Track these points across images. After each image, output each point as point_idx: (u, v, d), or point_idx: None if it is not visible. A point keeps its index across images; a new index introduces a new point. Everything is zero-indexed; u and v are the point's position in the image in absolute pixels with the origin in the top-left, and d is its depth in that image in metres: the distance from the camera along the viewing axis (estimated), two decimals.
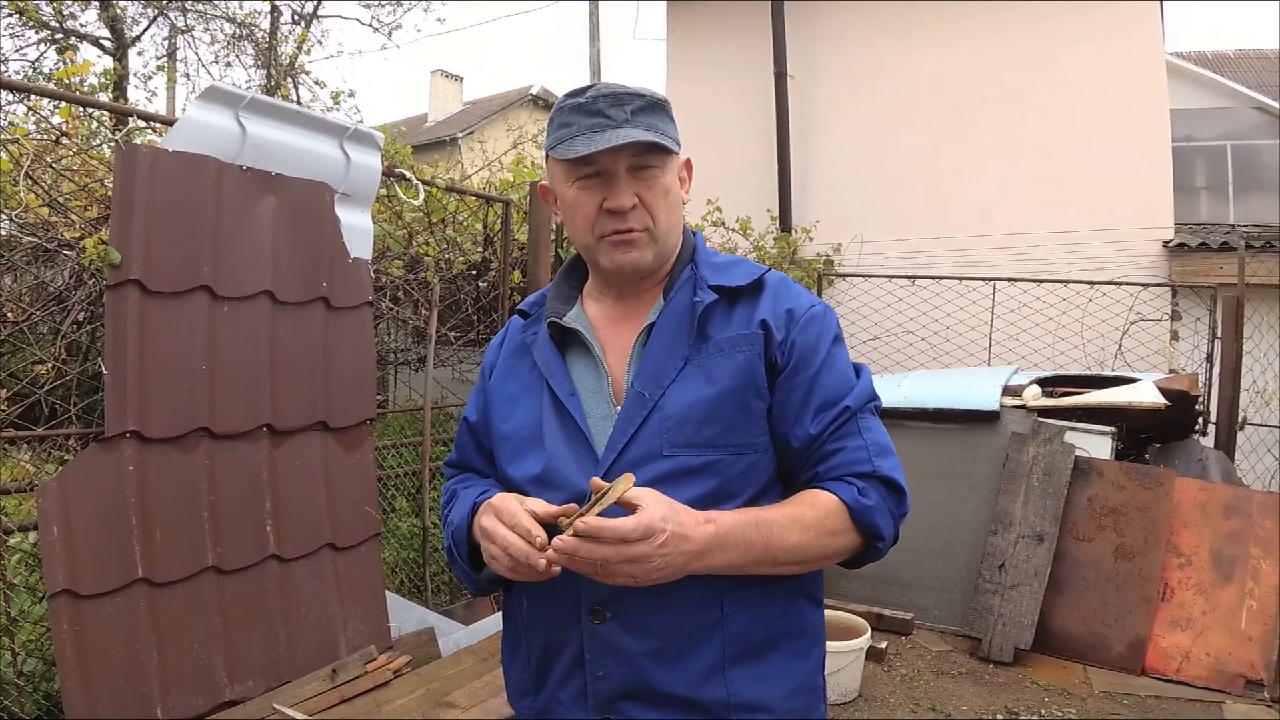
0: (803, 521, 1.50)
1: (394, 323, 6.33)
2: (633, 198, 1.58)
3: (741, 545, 1.45)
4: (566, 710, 1.59)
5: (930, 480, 5.90)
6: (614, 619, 1.53)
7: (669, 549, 1.36)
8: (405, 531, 5.43)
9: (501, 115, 22.44)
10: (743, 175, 9.95)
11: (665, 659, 1.52)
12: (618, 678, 1.54)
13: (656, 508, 1.36)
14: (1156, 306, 8.47)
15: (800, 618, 1.64)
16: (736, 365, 1.58)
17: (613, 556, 1.33)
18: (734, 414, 1.56)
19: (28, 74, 10.60)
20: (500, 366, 1.80)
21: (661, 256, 1.66)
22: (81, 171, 4.26)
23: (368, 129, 4.17)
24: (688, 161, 1.72)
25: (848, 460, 1.56)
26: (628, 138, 1.53)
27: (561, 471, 1.58)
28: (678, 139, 1.63)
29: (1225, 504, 5.32)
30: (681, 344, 1.60)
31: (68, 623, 3.00)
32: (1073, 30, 8.97)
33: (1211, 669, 4.90)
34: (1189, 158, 12.80)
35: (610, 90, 1.58)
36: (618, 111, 1.55)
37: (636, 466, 1.50)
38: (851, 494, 1.53)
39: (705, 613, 1.53)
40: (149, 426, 3.26)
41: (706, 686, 1.53)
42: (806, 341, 1.60)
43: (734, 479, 1.56)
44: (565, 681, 1.60)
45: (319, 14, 13.10)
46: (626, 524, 1.33)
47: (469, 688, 3.70)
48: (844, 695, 4.70)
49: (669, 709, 1.53)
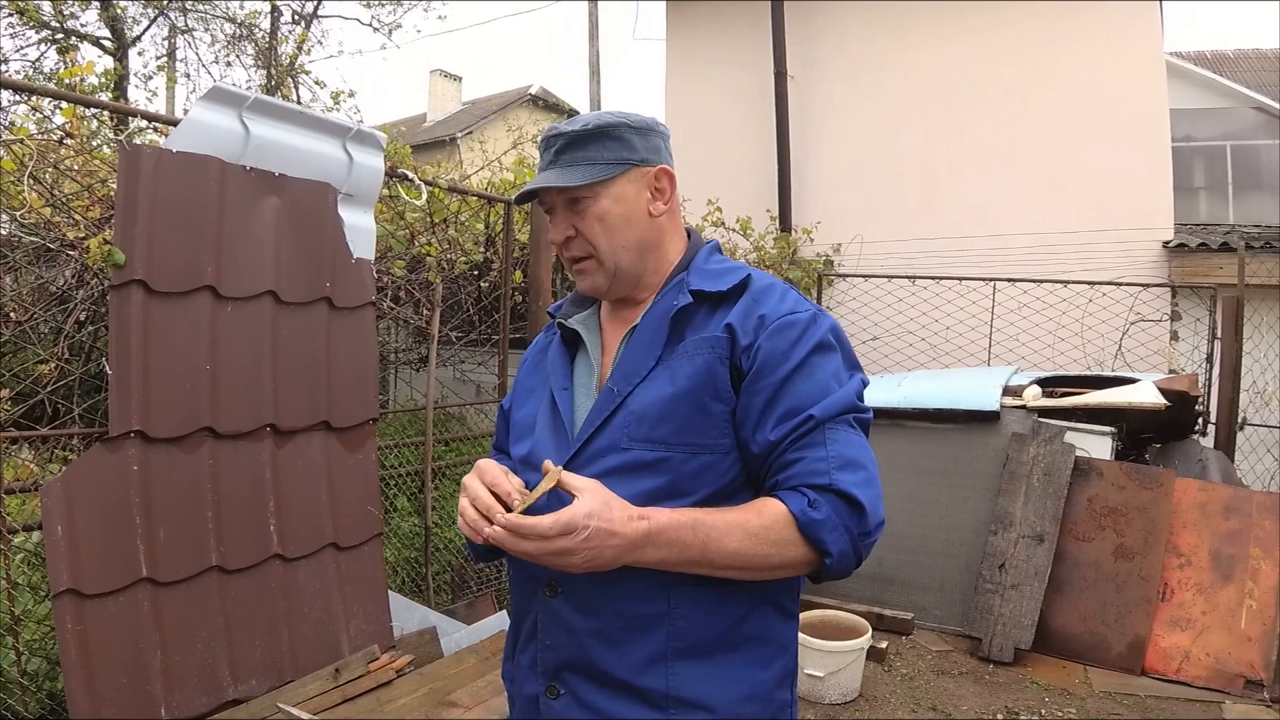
0: (745, 529, 1.51)
1: (396, 322, 6.34)
2: (566, 230, 1.73)
3: (676, 545, 1.48)
4: (523, 675, 1.70)
5: (930, 480, 5.91)
6: (564, 595, 1.61)
7: (594, 543, 1.42)
8: (407, 531, 5.44)
9: (501, 115, 22.47)
10: (742, 175, 9.96)
11: (608, 640, 1.59)
12: (563, 650, 1.62)
13: (584, 503, 1.42)
14: (1156, 307, 8.47)
15: (764, 626, 1.64)
16: (695, 367, 1.61)
17: (533, 551, 1.42)
18: (690, 414, 1.59)
19: (28, 74, 10.62)
20: (528, 362, 1.95)
21: (621, 275, 1.74)
22: (84, 172, 4.27)
23: (370, 129, 4.18)
24: (662, 171, 1.75)
25: (805, 471, 1.54)
26: (535, 184, 1.71)
27: (539, 455, 1.67)
28: (626, 158, 1.70)
29: (1225, 504, 5.33)
30: (657, 345, 1.67)
31: (71, 622, 3.01)
32: (1072, 29, 8.97)
33: (1211, 669, 4.91)
34: (1188, 158, 12.82)
35: (548, 133, 1.74)
36: (546, 154, 1.73)
37: (598, 456, 1.61)
38: (800, 505, 1.51)
39: (650, 604, 1.57)
40: (153, 426, 3.27)
41: (646, 674, 1.57)
42: (775, 347, 1.60)
43: (686, 477, 1.59)
44: (524, 648, 1.71)
45: (319, 14, 13.11)
46: (543, 522, 1.40)
47: (471, 687, 3.71)
48: (845, 695, 4.71)
49: (608, 688, 1.59)
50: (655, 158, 1.73)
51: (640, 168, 1.71)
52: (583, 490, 1.44)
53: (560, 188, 1.67)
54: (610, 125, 1.69)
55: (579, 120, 1.71)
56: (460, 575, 5.54)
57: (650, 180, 1.73)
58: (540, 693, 1.65)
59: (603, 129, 1.69)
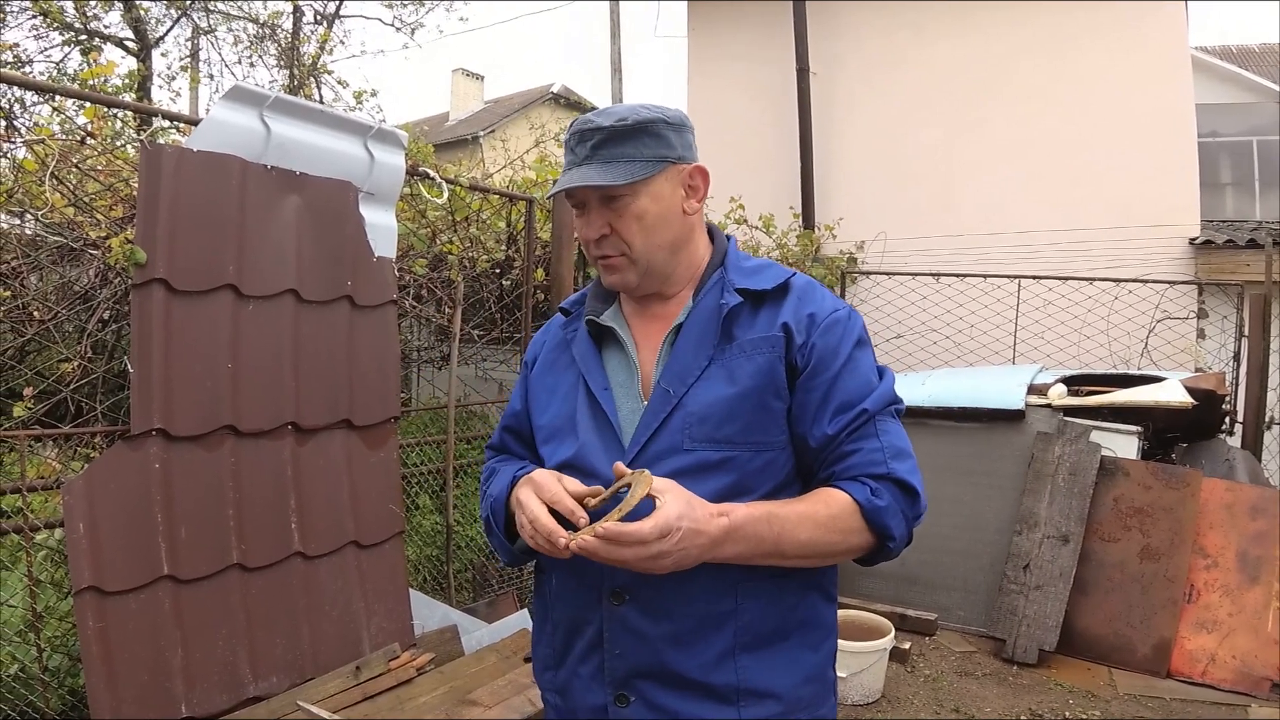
0: (814, 519, 1.56)
1: (417, 321, 6.35)
2: (601, 228, 1.69)
3: (753, 539, 1.51)
4: (584, 685, 1.68)
5: (954, 479, 5.87)
6: (633, 602, 1.61)
7: (684, 544, 1.43)
8: (428, 529, 5.43)
9: (523, 113, 22.50)
10: (762, 171, 9.91)
11: (680, 643, 1.60)
12: (633, 658, 1.62)
13: (674, 505, 1.42)
14: (1182, 304, 8.38)
15: (813, 610, 1.70)
16: (757, 366, 1.64)
17: (630, 558, 1.41)
18: (753, 413, 1.63)
19: (52, 75, 10.70)
20: (542, 360, 1.91)
21: (651, 274, 1.74)
22: (106, 171, 4.28)
23: (391, 128, 4.18)
24: (697, 169, 1.75)
25: (863, 461, 1.62)
26: (572, 181, 1.65)
27: (589, 459, 1.67)
28: (664, 155, 1.69)
29: (1252, 505, 5.27)
30: (707, 344, 1.68)
31: (93, 619, 3.02)
32: (1092, 24, 8.88)
33: (1237, 672, 4.86)
34: (1213, 153, 12.70)
35: (580, 126, 1.69)
36: (580, 149, 1.67)
37: (659, 459, 1.61)
38: (865, 494, 1.59)
39: (720, 601, 1.60)
40: (174, 424, 3.28)
41: (717, 671, 1.60)
42: (827, 345, 1.66)
43: (751, 474, 1.62)
44: (585, 658, 1.68)
45: (341, 14, 13.16)
46: (644, 528, 1.39)
47: (492, 685, 3.70)
48: (867, 696, 4.68)
49: (681, 690, 1.61)
50: (690, 155, 1.74)
51: (676, 165, 1.71)
52: (664, 492, 1.44)
53: (597, 186, 1.64)
54: (649, 121, 1.67)
55: (613, 113, 1.68)
56: (481, 573, 5.54)
57: (685, 178, 1.73)
58: (608, 702, 1.65)
59: (641, 125, 1.67)
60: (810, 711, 1.68)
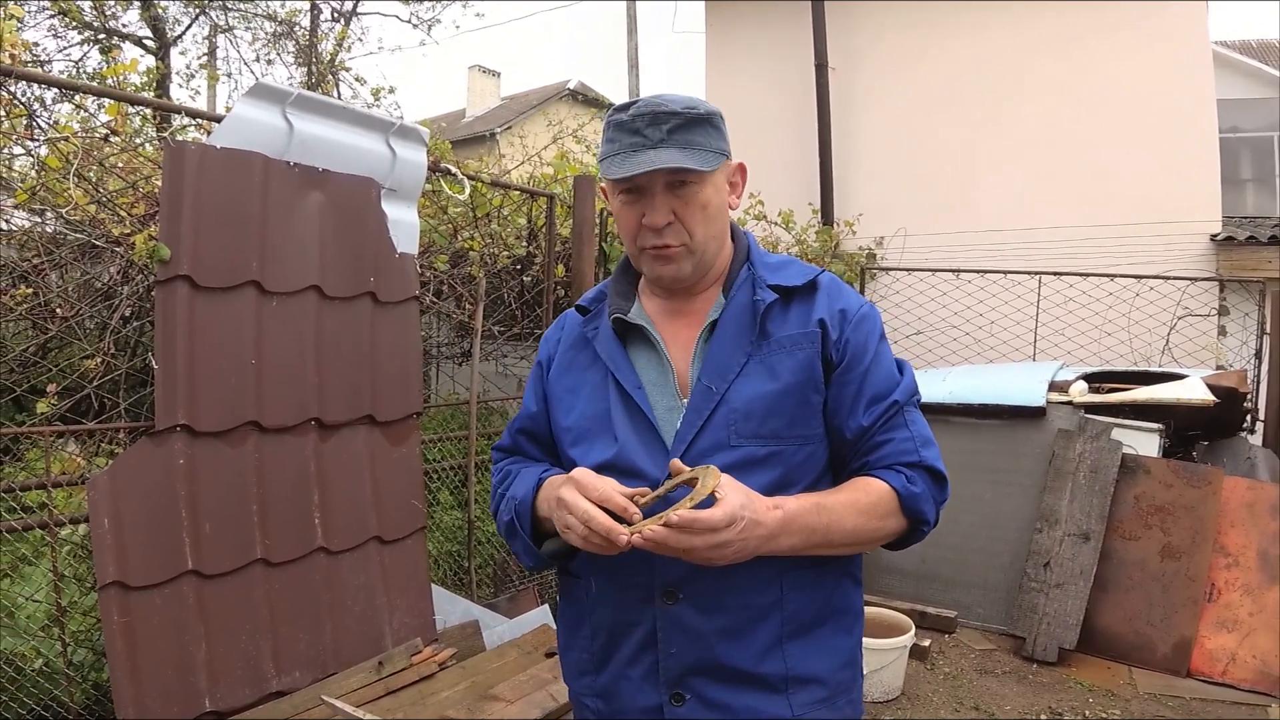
0: (858, 507, 1.60)
1: (439, 317, 6.36)
2: (667, 215, 1.65)
3: (805, 530, 1.54)
4: (635, 687, 1.68)
5: (974, 477, 5.85)
6: (685, 600, 1.62)
7: (746, 534, 1.44)
8: (449, 525, 5.44)
9: (540, 110, 22.52)
10: (780, 167, 9.89)
11: (732, 636, 1.63)
12: (688, 655, 1.63)
13: (736, 496, 1.44)
14: (1204, 301, 8.35)
15: (846, 597, 1.76)
16: (798, 362, 1.67)
17: (700, 545, 1.41)
18: (796, 408, 1.66)
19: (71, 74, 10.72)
20: (559, 360, 1.88)
21: (702, 266, 1.73)
22: (128, 169, 4.30)
23: (413, 124, 4.19)
24: (740, 166, 1.78)
25: (896, 450, 1.67)
26: (657, 163, 1.59)
27: (631, 459, 1.67)
28: (724, 148, 1.69)
29: (1273, 503, 5.23)
30: (744, 340, 1.69)
31: (117, 614, 3.04)
32: (1113, 19, 8.83)
33: (1257, 671, 4.83)
34: (1234, 149, 12.59)
35: (650, 109, 1.63)
36: (654, 131, 1.62)
37: (705, 456, 1.61)
38: (901, 482, 1.64)
39: (767, 592, 1.64)
40: (198, 420, 3.30)
41: (766, 660, 1.63)
42: (859, 340, 1.70)
43: (795, 468, 1.66)
44: (634, 660, 1.68)
45: (358, 11, 13.18)
46: (715, 515, 1.40)
47: (513, 680, 3.71)
48: (887, 693, 4.67)
49: (734, 683, 1.63)
50: (731, 151, 1.74)
51: (728, 160, 1.72)
52: (722, 486, 1.45)
53: (674, 169, 1.60)
54: (712, 114, 1.68)
55: (680, 100, 1.65)
56: (502, 569, 5.54)
57: (730, 173, 1.76)
58: (663, 702, 1.65)
59: (706, 116, 1.66)
60: (847, 694, 1.73)
